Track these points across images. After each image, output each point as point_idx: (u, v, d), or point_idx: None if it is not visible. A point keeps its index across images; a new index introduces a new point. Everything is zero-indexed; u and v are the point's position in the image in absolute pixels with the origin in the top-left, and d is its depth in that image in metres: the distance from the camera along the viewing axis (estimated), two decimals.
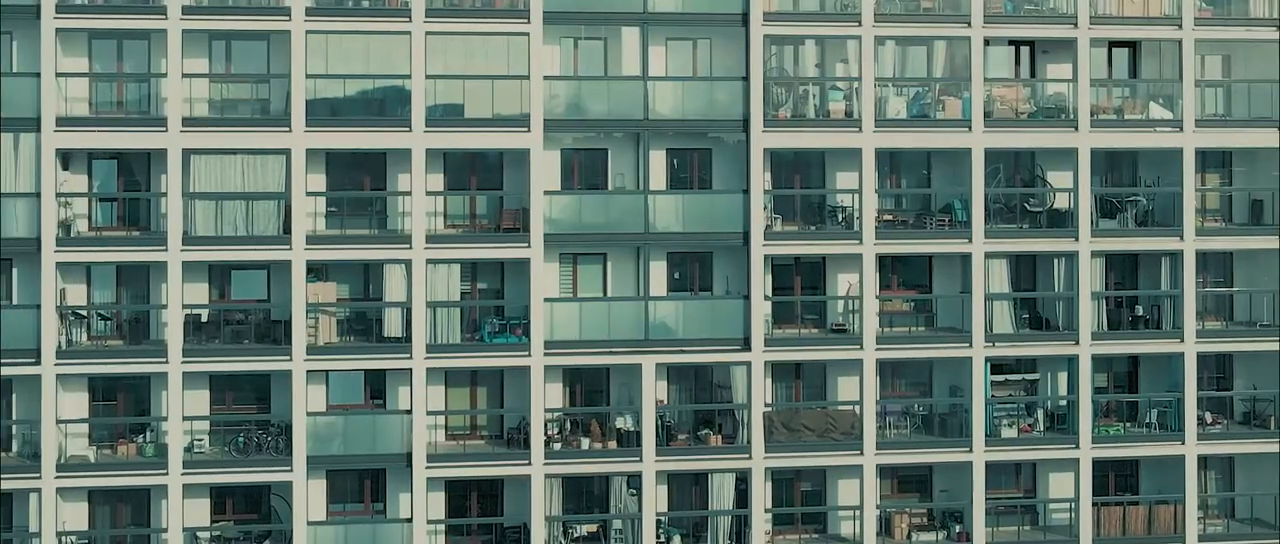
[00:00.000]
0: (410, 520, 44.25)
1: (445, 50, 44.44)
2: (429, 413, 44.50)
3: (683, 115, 45.41)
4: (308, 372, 43.68)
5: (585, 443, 45.13)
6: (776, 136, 45.64)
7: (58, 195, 42.71)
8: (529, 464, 44.56)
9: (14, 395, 43.49)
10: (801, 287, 47.29)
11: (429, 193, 44.41)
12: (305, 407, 43.70)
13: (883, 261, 46.77)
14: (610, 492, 45.57)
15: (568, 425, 45.70)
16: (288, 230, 43.48)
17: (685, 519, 46.22)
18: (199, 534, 43.96)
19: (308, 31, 43.36)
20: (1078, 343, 46.85)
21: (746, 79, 45.30)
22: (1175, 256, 47.51)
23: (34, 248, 42.49)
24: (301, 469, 43.57)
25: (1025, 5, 47.58)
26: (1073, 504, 47.31)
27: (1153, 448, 47.61)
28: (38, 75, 42.45)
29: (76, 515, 43.68)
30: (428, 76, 43.93)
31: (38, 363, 42.49)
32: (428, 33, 43.83)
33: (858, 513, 46.33)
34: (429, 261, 44.11)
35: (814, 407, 46.77)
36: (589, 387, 46.24)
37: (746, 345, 45.33)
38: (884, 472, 46.83)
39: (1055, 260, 47.35)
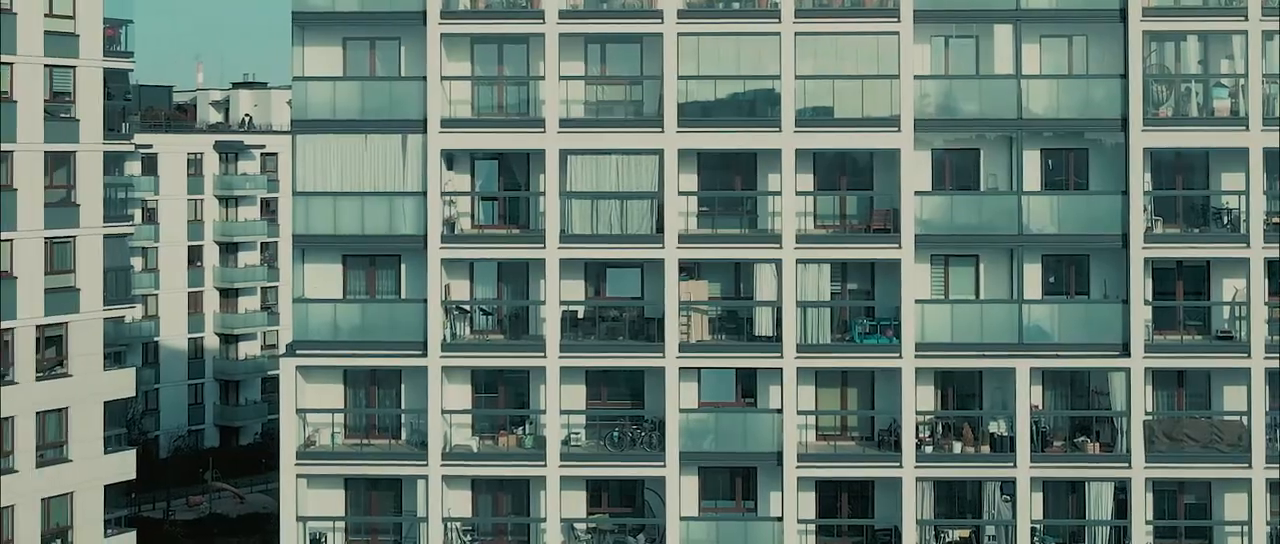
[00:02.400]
0: (781, 519, 44.48)
1: (815, 51, 44.78)
2: (799, 412, 44.72)
3: (1057, 114, 44.70)
4: (680, 369, 44.47)
5: (957, 447, 44.64)
6: (1157, 136, 44.46)
7: (443, 194, 44.71)
8: (900, 466, 44.30)
9: (403, 386, 45.61)
10: (1184, 291, 45.77)
11: (799, 193, 44.77)
12: (678, 403, 44.51)
13: (1272, 266, 44.86)
14: (983, 497, 44.87)
15: (939, 428, 45.22)
16: (660, 229, 44.45)
17: (1061, 528, 45.17)
18: (576, 525, 45.12)
19: (679, 34, 44.39)
20: None
21: (1125, 76, 44.28)
22: None
23: (421, 245, 44.55)
24: (674, 465, 44.34)
25: None
26: None
27: None
28: (424, 79, 44.61)
29: (460, 502, 45.40)
30: (797, 77, 44.35)
31: (424, 355, 44.49)
32: (797, 33, 44.30)
33: (1246, 529, 44.60)
34: (799, 261, 44.43)
35: (1198, 416, 45.19)
36: (961, 389, 45.64)
37: (1125, 351, 44.14)
38: (1275, 487, 44.87)
39: None
